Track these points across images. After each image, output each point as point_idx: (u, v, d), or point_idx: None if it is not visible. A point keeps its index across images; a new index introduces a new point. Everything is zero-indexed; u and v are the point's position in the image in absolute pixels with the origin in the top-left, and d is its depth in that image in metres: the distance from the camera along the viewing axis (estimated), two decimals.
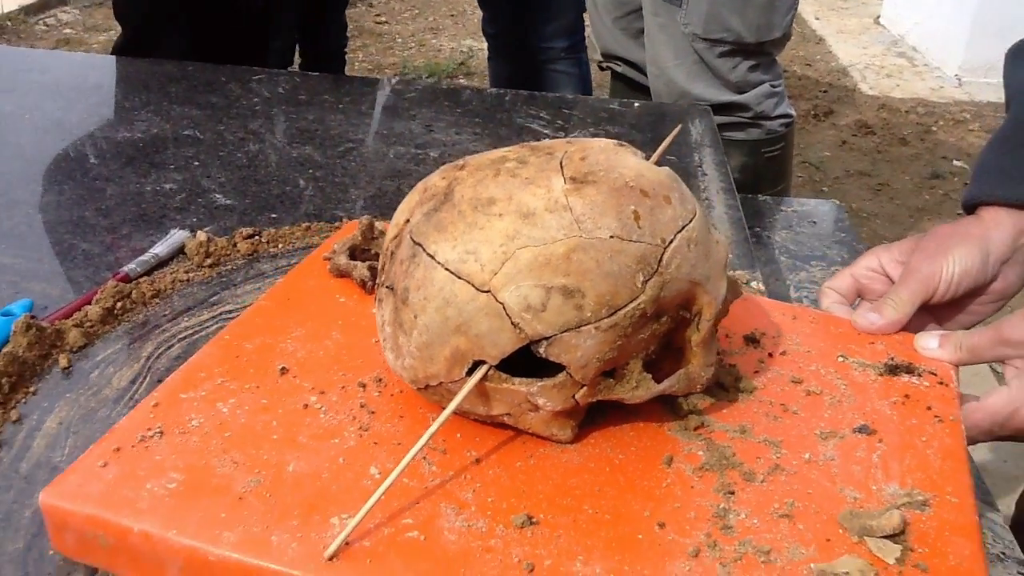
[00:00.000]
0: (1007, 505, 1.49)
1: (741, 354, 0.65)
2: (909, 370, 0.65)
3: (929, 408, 0.61)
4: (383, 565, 0.46)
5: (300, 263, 0.75)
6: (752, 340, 0.67)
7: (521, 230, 0.50)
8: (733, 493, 0.52)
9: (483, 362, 0.51)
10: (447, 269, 0.51)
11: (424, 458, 0.54)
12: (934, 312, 0.73)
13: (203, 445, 0.54)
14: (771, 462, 0.55)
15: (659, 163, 0.57)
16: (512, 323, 0.50)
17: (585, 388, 0.53)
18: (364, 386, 0.59)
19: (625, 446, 0.56)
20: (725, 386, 0.61)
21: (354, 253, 0.73)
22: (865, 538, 0.50)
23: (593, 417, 0.57)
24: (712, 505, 0.51)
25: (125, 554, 0.49)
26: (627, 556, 0.48)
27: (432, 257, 0.52)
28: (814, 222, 1.36)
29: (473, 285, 0.50)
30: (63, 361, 0.68)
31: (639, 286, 0.51)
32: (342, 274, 0.71)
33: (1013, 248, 0.71)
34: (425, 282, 0.52)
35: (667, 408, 0.59)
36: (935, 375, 0.65)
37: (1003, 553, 0.83)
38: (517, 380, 0.52)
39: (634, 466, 0.55)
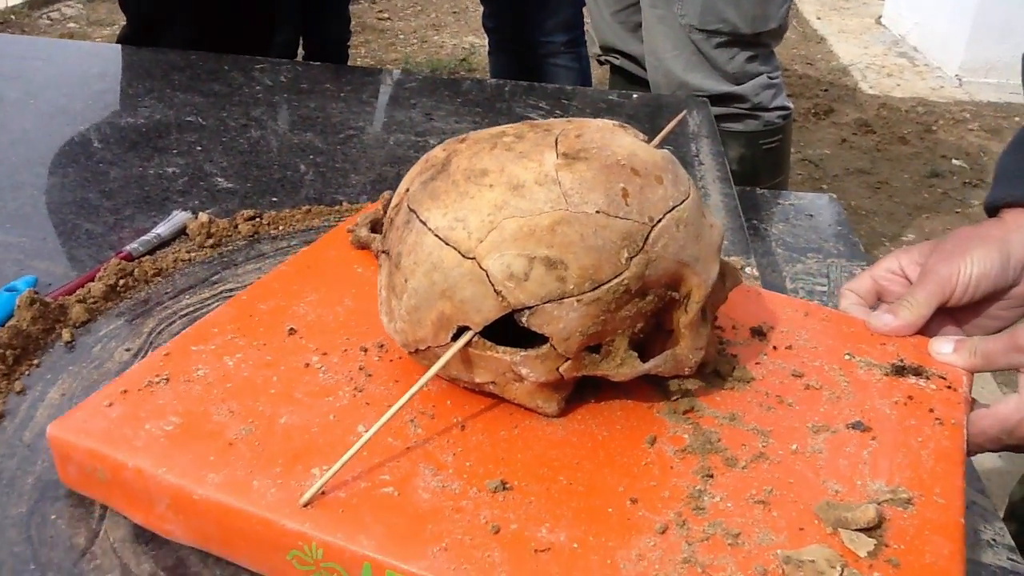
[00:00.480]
0: (1001, 500, 1.51)
1: (745, 345, 0.65)
2: (917, 372, 0.64)
3: (931, 410, 0.60)
4: (354, 515, 0.49)
5: (325, 234, 0.78)
6: (759, 332, 0.67)
7: (509, 201, 0.52)
8: (712, 476, 0.53)
9: (468, 328, 0.53)
10: (436, 235, 0.52)
11: (411, 420, 0.56)
12: (954, 315, 0.72)
13: (204, 394, 0.57)
14: (756, 450, 0.55)
15: (660, 148, 0.58)
16: (495, 290, 0.51)
17: (569, 362, 0.53)
18: (366, 350, 0.61)
19: (611, 424, 0.57)
20: (722, 374, 0.61)
21: (375, 226, 0.76)
22: (840, 530, 0.49)
23: (583, 394, 0.58)
24: (688, 486, 0.52)
25: (120, 488, 0.52)
26: (594, 527, 0.49)
27: (424, 223, 0.53)
28: (811, 215, 1.37)
29: (459, 251, 0.52)
30: (66, 335, 0.69)
31: (623, 262, 0.51)
32: (362, 246, 0.74)
33: None
34: (416, 247, 0.53)
35: (659, 390, 0.59)
36: (944, 379, 0.64)
37: (993, 539, 0.84)
38: (501, 349, 0.54)
39: (616, 443, 0.55)
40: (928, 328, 0.70)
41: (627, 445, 0.55)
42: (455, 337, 0.53)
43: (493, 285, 0.51)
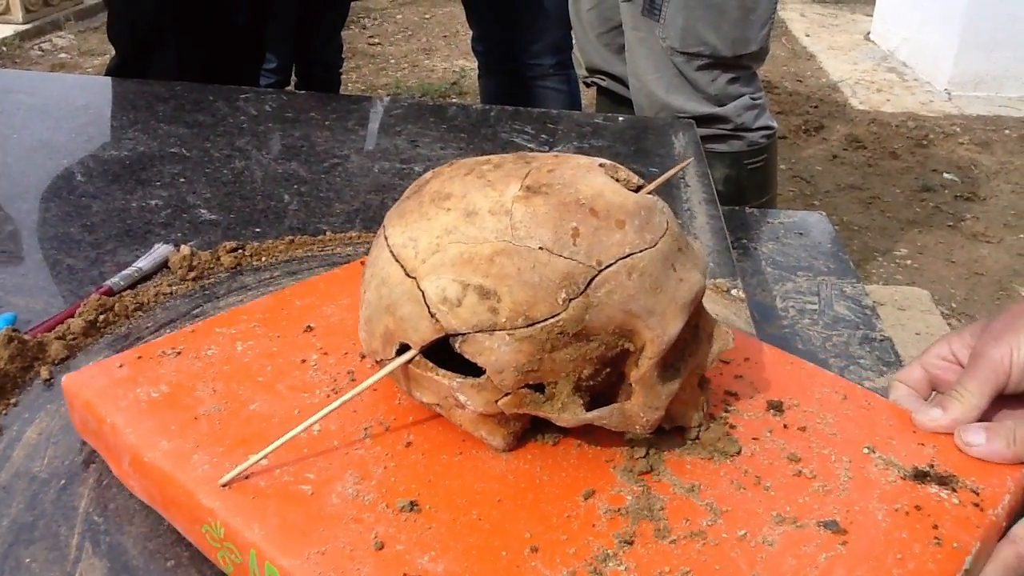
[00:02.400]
0: None
1: (753, 418, 0.61)
2: (943, 481, 0.55)
3: (935, 527, 0.52)
4: (260, 504, 0.51)
5: None
6: (776, 407, 0.61)
7: (459, 226, 0.52)
8: (631, 544, 0.50)
9: (408, 346, 0.53)
10: (391, 251, 0.54)
11: (366, 428, 0.57)
12: (1013, 405, 0.62)
13: (201, 371, 0.62)
14: (697, 527, 0.51)
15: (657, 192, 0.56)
16: (430, 312, 0.51)
17: (509, 397, 0.52)
18: (363, 356, 0.63)
19: (557, 469, 0.55)
20: (703, 442, 0.57)
21: None
22: None
23: (543, 434, 0.57)
24: (599, 548, 0.49)
25: (102, 440, 0.59)
26: (478, 566, 0.48)
27: (386, 239, 0.55)
28: (801, 233, 1.37)
29: (405, 270, 0.53)
30: (44, 373, 0.69)
31: (560, 303, 0.50)
32: None
33: None
34: (375, 261, 0.55)
35: (627, 446, 0.57)
36: (976, 494, 0.54)
37: None
38: (441, 372, 0.53)
39: (551, 489, 0.53)
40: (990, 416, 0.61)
41: (560, 494, 0.53)
42: (399, 353, 0.54)
43: (428, 306, 0.52)
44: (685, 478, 0.55)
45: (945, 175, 2.99)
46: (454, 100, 3.51)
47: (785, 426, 0.60)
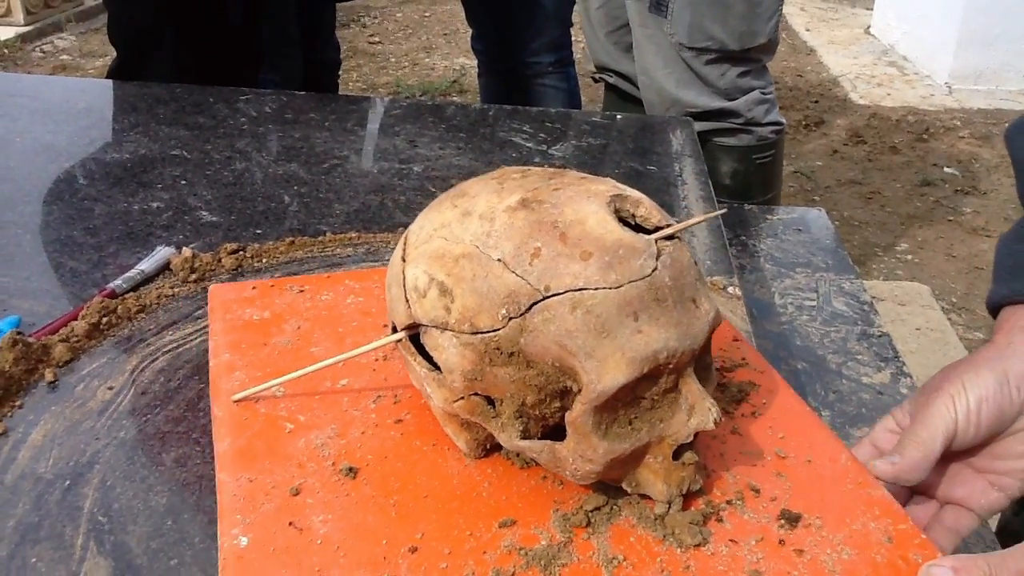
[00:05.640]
0: None
1: (752, 519, 0.54)
2: None
3: None
4: (244, 423, 0.59)
5: None
6: (790, 519, 0.53)
7: (452, 223, 0.53)
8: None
9: (411, 323, 0.55)
10: (405, 234, 0.57)
11: (379, 395, 0.63)
12: (975, 466, 0.61)
13: (302, 309, 0.71)
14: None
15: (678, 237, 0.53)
16: (405, 297, 0.54)
17: (463, 401, 0.53)
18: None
19: (501, 490, 0.55)
20: (666, 521, 0.53)
21: None
22: None
23: (519, 455, 0.57)
24: (469, 571, 0.49)
25: (212, 338, 0.69)
26: (354, 542, 0.51)
27: (407, 226, 0.58)
28: (799, 230, 1.38)
29: (403, 253, 0.55)
30: (49, 375, 0.70)
31: (500, 319, 0.49)
32: None
33: None
34: (398, 243, 0.59)
35: (589, 493, 0.55)
36: None
37: (985, 552, 0.84)
38: (418, 360, 0.55)
39: (479, 505, 0.54)
40: (955, 489, 0.61)
41: (484, 512, 0.53)
42: (394, 330, 0.56)
43: (405, 291, 0.54)
44: (615, 548, 0.51)
45: (945, 169, 2.99)
46: (455, 98, 3.52)
47: (782, 542, 0.52)
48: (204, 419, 0.67)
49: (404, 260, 0.55)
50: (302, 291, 0.74)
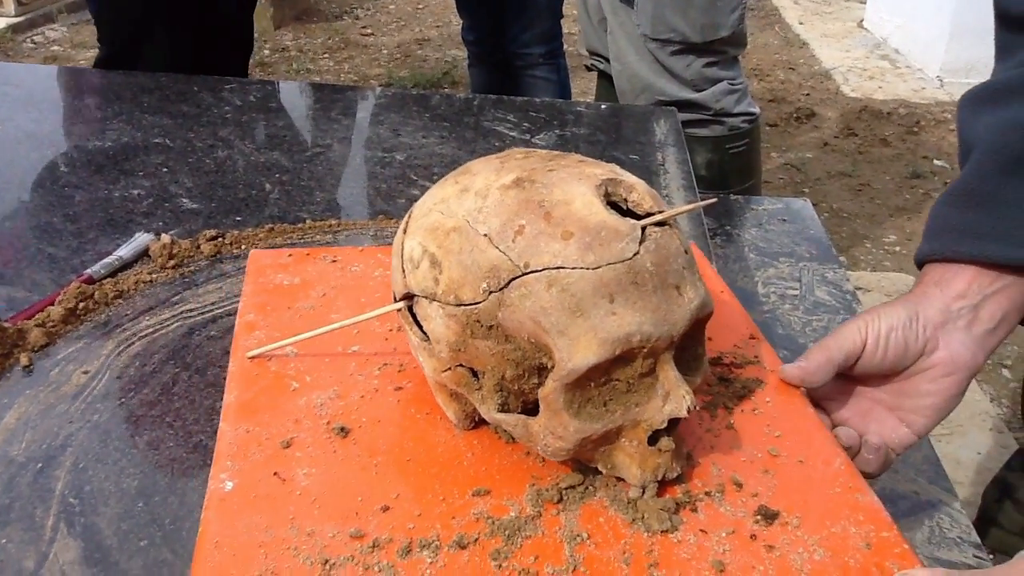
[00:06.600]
0: (976, 495, 1.51)
1: (728, 513, 0.54)
2: None
3: None
4: (253, 378, 0.63)
5: None
6: (766, 516, 0.53)
7: (450, 198, 0.54)
8: (463, 548, 0.50)
9: (408, 293, 0.56)
10: (411, 210, 0.58)
11: (386, 363, 0.65)
12: (883, 395, 0.67)
13: (331, 278, 0.74)
14: (533, 570, 0.49)
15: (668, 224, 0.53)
16: (402, 267, 0.55)
17: (449, 371, 0.54)
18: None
19: (483, 461, 0.56)
20: (638, 505, 0.53)
21: None
22: None
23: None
24: (430, 538, 0.50)
25: (243, 299, 0.73)
26: (329, 498, 0.53)
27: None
28: (784, 220, 1.38)
29: (405, 225, 0.57)
30: (24, 360, 0.70)
31: (481, 292, 0.50)
32: None
33: (946, 312, 0.64)
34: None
35: (570, 471, 0.56)
36: None
37: (960, 537, 0.85)
38: (413, 329, 0.56)
39: (458, 473, 0.55)
40: (869, 425, 0.66)
41: (462, 480, 0.54)
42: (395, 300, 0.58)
43: (403, 261, 0.55)
44: (582, 526, 0.52)
45: (935, 162, 2.99)
46: (446, 90, 3.51)
47: (753, 537, 0.52)
48: (179, 403, 0.67)
49: (405, 232, 0.57)
50: (334, 261, 0.77)
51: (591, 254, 0.49)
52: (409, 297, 0.56)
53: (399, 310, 0.57)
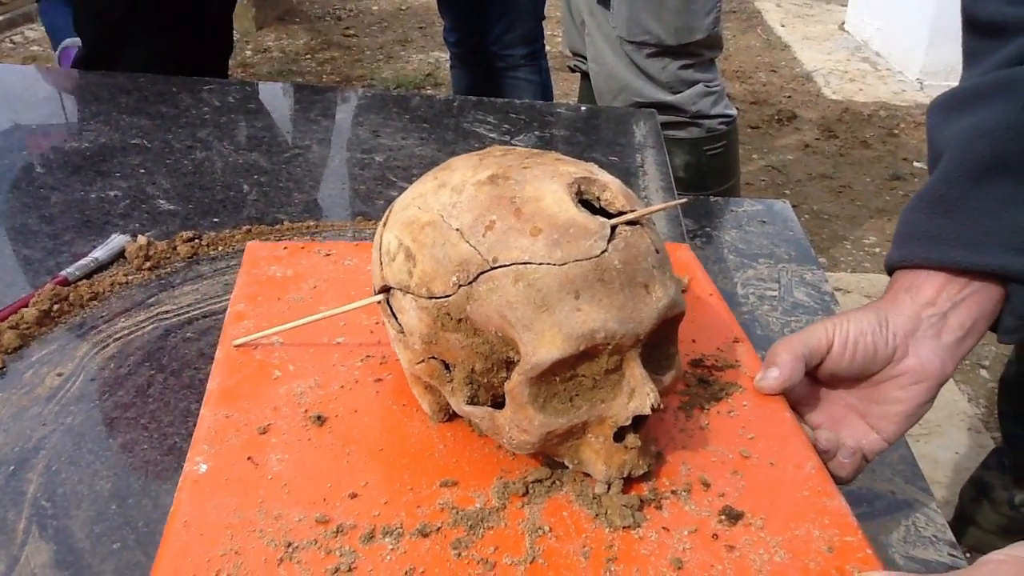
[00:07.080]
0: (954, 494, 1.52)
1: (693, 512, 0.54)
2: None
3: None
4: (237, 366, 0.63)
5: None
6: (730, 516, 0.54)
7: (427, 193, 0.55)
8: (425, 536, 0.50)
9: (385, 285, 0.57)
10: (392, 204, 0.59)
11: (368, 355, 0.66)
12: (852, 398, 0.68)
13: (323, 271, 0.75)
14: (492, 560, 0.50)
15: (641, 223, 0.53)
16: (380, 259, 0.56)
17: (423, 364, 0.55)
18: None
19: (454, 453, 0.57)
20: (602, 501, 0.54)
21: None
22: None
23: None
24: (394, 525, 0.51)
25: (236, 290, 0.73)
26: (300, 483, 0.54)
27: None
28: (763, 221, 1.39)
29: (386, 219, 0.57)
30: None
31: (451, 286, 0.51)
32: None
33: (915, 320, 0.65)
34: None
35: (539, 466, 0.56)
36: None
37: (935, 536, 0.85)
38: (391, 321, 0.57)
39: (429, 463, 0.56)
40: (842, 430, 0.66)
41: (430, 470, 0.55)
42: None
43: (380, 254, 0.56)
44: (545, 519, 0.52)
45: (915, 164, 3.01)
46: (428, 91, 3.51)
47: (715, 536, 0.52)
48: (153, 405, 0.67)
49: (384, 225, 0.57)
50: (328, 255, 0.78)
51: (558, 250, 0.50)
52: (386, 289, 0.56)
53: (379, 302, 0.58)
